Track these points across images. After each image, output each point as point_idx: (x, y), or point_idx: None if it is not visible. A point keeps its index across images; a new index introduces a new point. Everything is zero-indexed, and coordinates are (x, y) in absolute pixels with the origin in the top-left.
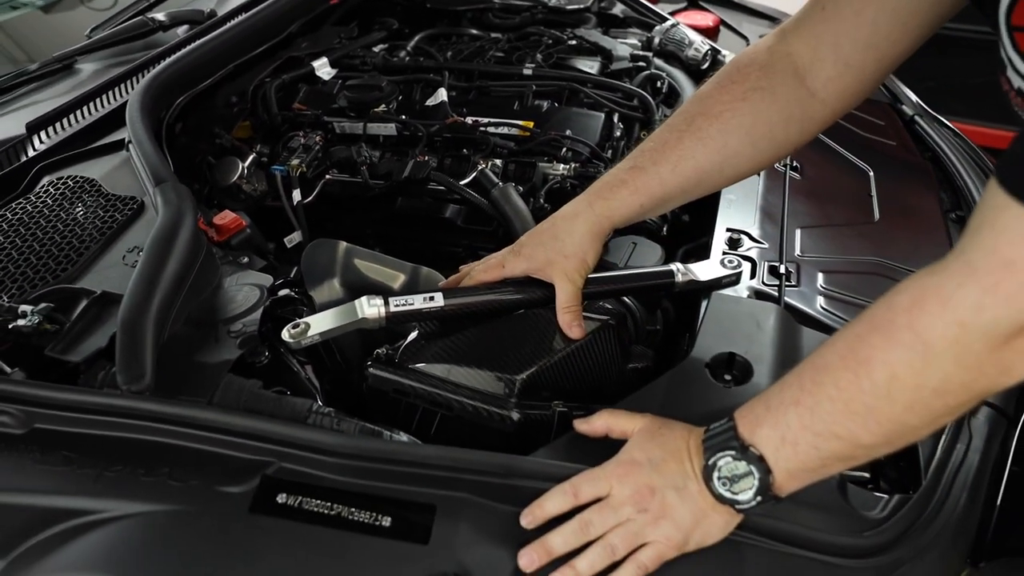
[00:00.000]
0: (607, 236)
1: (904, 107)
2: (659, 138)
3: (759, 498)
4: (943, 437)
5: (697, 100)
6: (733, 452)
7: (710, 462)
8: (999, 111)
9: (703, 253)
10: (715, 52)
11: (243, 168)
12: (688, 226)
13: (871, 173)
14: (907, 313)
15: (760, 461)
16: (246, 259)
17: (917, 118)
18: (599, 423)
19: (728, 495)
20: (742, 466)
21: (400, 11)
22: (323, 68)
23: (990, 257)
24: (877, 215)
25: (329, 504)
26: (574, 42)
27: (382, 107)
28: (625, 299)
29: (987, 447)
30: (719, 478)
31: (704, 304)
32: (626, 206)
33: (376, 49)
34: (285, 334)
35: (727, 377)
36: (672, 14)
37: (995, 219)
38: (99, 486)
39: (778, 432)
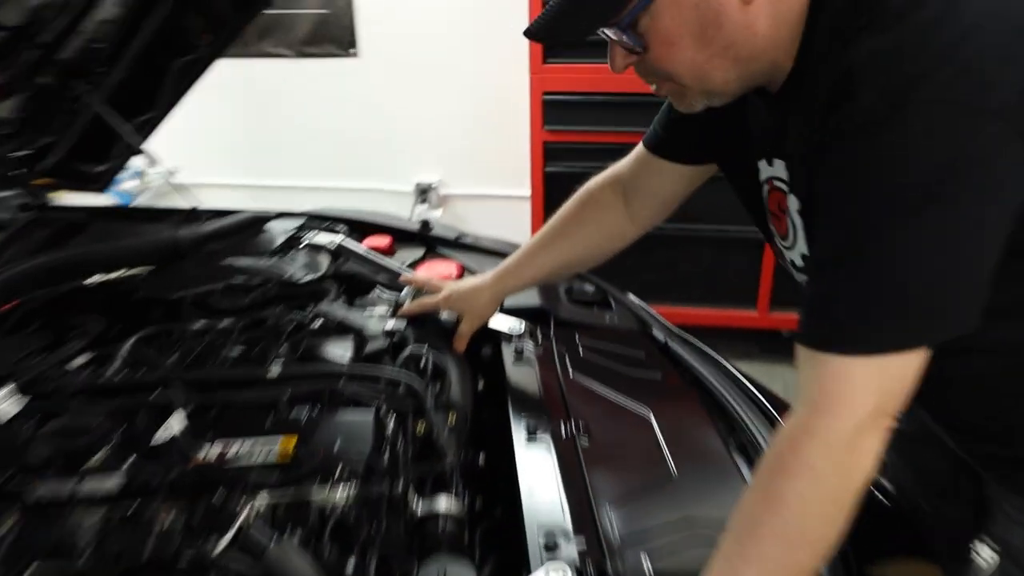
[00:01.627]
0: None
1: (656, 332)
2: (542, 236)
3: None
4: None
5: (570, 208)
6: None
7: None
8: (706, 294)
9: (521, 559)
10: None
11: None
12: (499, 523)
13: (652, 417)
14: (791, 452)
15: None
16: None
17: (669, 342)
18: None
19: None
20: None
21: (102, 306)
22: (4, 403)
23: (822, 394)
24: (674, 471)
25: None
26: (319, 322)
27: (99, 455)
28: None
29: None
30: None
31: None
32: (519, 282)
33: (77, 364)
34: None
35: None
36: (413, 266)
37: (813, 372)
38: None
39: None
